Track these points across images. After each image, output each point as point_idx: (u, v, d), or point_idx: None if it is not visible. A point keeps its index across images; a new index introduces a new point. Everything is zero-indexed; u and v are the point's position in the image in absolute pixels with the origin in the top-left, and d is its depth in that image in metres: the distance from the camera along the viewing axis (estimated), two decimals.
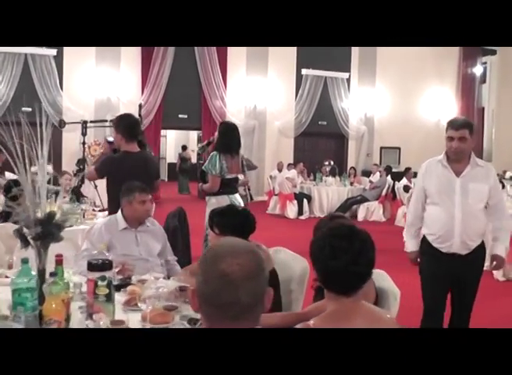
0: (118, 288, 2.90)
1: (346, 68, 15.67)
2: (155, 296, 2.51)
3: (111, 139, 4.59)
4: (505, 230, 3.61)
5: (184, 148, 18.67)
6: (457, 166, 3.48)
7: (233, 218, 3.14)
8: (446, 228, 3.47)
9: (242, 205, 5.18)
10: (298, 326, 1.81)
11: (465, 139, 3.40)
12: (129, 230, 3.63)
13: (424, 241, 3.64)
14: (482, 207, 3.51)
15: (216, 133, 5.36)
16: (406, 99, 16.18)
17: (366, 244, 1.88)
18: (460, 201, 3.43)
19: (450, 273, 3.51)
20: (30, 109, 9.00)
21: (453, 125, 3.45)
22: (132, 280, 3.03)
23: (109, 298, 2.37)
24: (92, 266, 2.44)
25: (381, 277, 2.86)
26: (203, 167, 5.18)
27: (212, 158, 5.08)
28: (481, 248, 3.56)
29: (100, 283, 2.36)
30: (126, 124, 4.40)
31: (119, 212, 3.70)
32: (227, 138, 5.21)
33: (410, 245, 3.76)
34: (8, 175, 5.93)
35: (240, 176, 5.52)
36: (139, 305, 2.50)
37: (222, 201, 5.00)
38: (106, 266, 2.44)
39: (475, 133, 3.53)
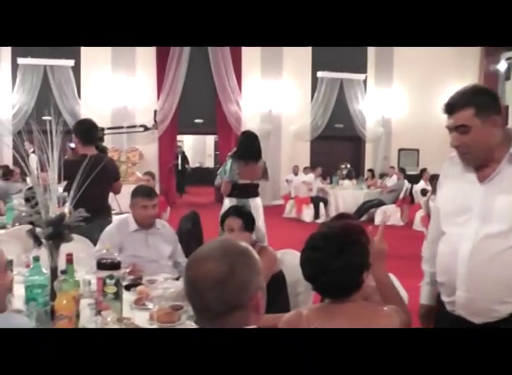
0: (128, 288, 2.99)
1: (363, 69, 15.49)
2: (162, 296, 2.59)
3: (73, 145, 4.79)
4: None
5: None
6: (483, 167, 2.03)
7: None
8: (447, 272, 2.07)
9: (260, 209, 5.47)
10: (291, 312, 1.88)
11: (468, 127, 1.92)
12: (140, 232, 3.69)
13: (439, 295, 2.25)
14: None
15: None
16: (424, 100, 15.61)
17: (335, 255, 1.79)
18: (477, 223, 1.95)
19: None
20: (50, 118, 9.13)
21: (446, 108, 2.01)
22: (142, 281, 3.12)
23: (117, 296, 2.46)
24: (101, 265, 2.55)
25: None
26: (218, 171, 5.54)
27: (226, 164, 5.42)
28: None
29: (108, 281, 2.45)
30: (82, 129, 4.62)
31: (131, 213, 3.79)
32: (242, 146, 5.50)
33: (422, 294, 2.41)
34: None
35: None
36: (146, 304, 2.58)
37: (233, 203, 5.21)
38: (114, 265, 2.53)
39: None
